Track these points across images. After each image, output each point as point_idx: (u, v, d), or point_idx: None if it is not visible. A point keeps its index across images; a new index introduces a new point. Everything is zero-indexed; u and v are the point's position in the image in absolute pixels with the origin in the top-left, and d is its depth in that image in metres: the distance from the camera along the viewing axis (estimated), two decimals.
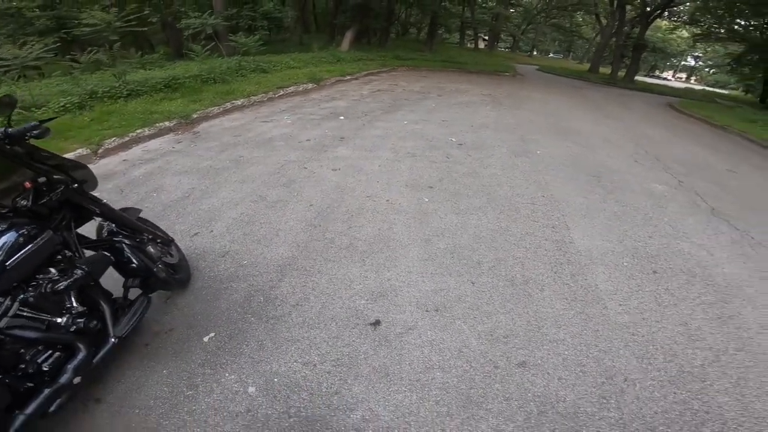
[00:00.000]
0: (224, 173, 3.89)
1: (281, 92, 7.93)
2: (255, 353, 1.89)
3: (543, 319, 2.21)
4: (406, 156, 4.68)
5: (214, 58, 9.53)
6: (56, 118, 1.69)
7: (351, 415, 1.61)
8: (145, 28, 10.18)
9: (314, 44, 13.84)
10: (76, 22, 8.95)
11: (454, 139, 5.54)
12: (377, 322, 2.11)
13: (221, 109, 6.34)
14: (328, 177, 3.93)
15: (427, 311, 2.20)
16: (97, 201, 1.88)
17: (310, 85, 8.85)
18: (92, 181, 1.90)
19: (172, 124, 5.33)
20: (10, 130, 1.49)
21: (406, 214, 3.28)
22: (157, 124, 5.18)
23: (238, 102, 6.79)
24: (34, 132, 1.55)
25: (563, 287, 2.50)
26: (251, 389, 1.72)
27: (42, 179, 1.60)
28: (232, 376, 1.77)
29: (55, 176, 1.66)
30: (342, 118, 6.34)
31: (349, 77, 10.64)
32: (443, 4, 20.29)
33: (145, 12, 10.36)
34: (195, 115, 5.77)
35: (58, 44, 8.59)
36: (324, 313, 2.15)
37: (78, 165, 1.83)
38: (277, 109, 6.83)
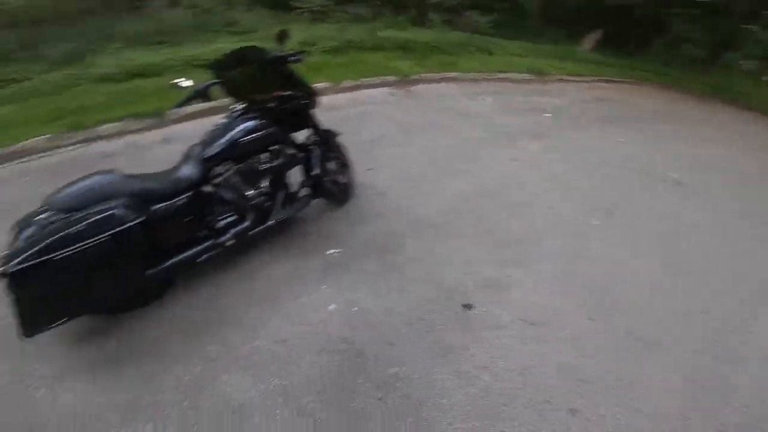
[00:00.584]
0: (417, 132, 4.37)
1: (498, 75, 7.95)
2: (356, 281, 2.20)
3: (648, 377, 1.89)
4: (596, 174, 4.14)
5: (448, 30, 10.10)
6: (306, 52, 2.19)
7: (388, 370, 1.77)
8: None
9: (551, 37, 12.97)
10: None
11: (675, 176, 4.46)
12: (469, 306, 2.16)
13: (439, 76, 6.88)
14: (504, 165, 3.97)
15: (521, 320, 2.14)
16: (313, 117, 2.49)
17: (528, 76, 8.54)
18: (315, 103, 2.49)
19: (394, 80, 6.15)
20: (278, 53, 2.12)
21: (565, 229, 3.07)
22: (383, 77, 6.06)
23: (454, 74, 7.19)
24: (292, 58, 2.15)
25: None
26: (332, 307, 2.01)
27: (288, 92, 2.22)
28: (329, 290, 2.10)
29: (295, 92, 2.27)
30: (547, 115, 6.02)
31: (576, 78, 9.72)
32: (742, 26, 15.45)
33: None
34: (415, 77, 6.46)
35: None
36: (430, 277, 2.33)
37: (311, 89, 2.43)
38: (489, 89, 6.93)
